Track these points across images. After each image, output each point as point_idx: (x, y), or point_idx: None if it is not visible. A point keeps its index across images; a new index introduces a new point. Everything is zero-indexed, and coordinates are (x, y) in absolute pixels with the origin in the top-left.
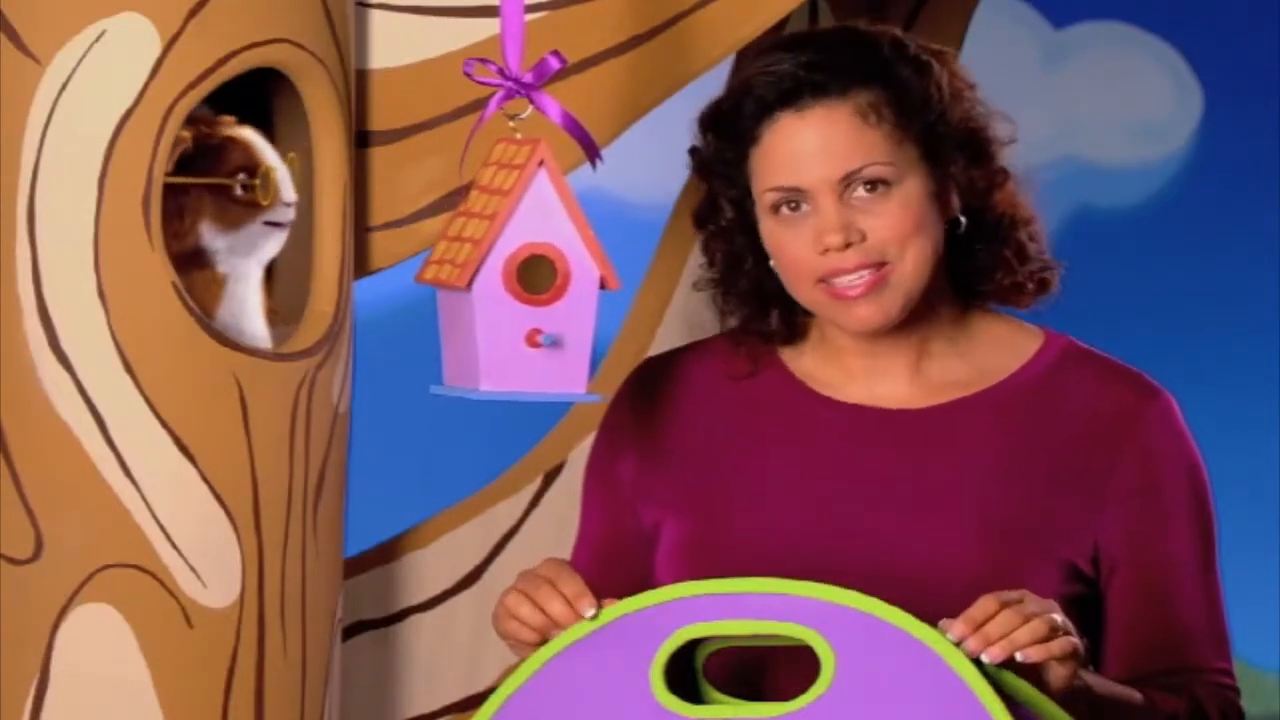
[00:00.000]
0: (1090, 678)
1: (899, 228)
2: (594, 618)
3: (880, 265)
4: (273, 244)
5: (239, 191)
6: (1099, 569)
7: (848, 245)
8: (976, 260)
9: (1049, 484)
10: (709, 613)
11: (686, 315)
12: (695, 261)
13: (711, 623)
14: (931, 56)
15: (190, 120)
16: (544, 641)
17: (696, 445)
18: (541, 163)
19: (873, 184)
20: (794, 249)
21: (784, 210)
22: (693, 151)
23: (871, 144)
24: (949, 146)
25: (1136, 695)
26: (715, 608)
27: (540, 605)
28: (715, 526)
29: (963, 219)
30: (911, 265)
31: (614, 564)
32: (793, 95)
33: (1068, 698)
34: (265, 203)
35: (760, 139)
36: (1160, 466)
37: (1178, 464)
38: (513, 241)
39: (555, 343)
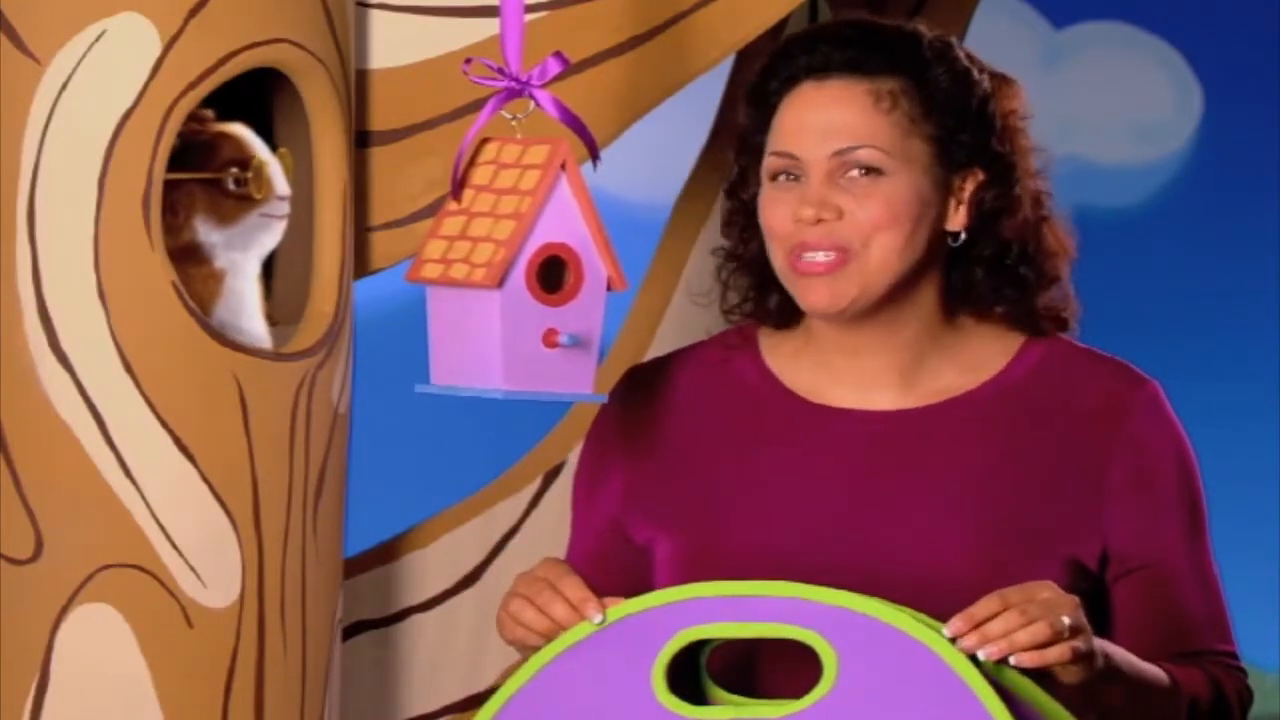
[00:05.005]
0: (1116, 658)
1: (874, 218)
2: (601, 623)
3: (845, 250)
4: (269, 237)
5: (231, 185)
6: (1105, 566)
7: (819, 221)
8: (976, 280)
9: (1046, 482)
10: (711, 615)
11: (686, 316)
12: (695, 262)
13: (713, 624)
14: (990, 79)
15: None
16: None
17: (686, 458)
18: (564, 164)
19: (867, 170)
20: (776, 216)
21: (781, 179)
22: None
23: (875, 129)
24: (966, 158)
25: (1163, 675)
26: (717, 610)
27: (543, 610)
28: (709, 541)
29: (962, 234)
30: (875, 260)
31: (606, 570)
32: (819, 69)
33: (1085, 687)
34: (259, 196)
35: (779, 105)
36: (1153, 460)
37: (1168, 453)
38: (534, 241)
39: (576, 343)
